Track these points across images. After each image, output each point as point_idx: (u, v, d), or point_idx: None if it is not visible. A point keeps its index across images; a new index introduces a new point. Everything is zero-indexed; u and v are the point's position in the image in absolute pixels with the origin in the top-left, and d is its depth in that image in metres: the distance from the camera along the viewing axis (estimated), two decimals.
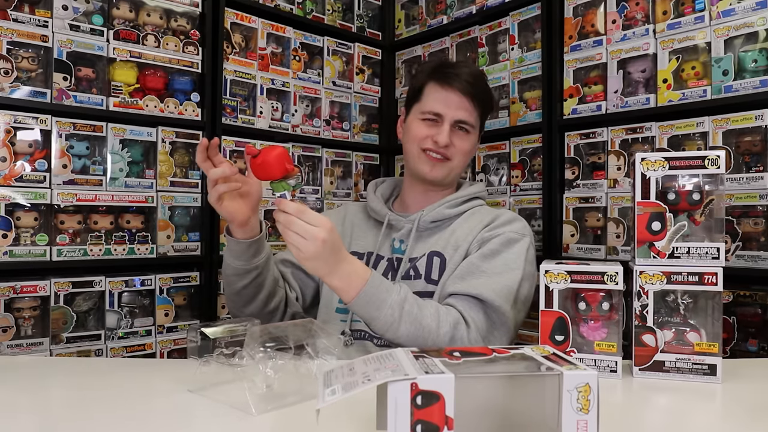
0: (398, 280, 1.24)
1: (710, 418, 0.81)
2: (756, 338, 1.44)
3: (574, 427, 0.54)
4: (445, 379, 0.50)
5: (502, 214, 1.32)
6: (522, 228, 1.27)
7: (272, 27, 2.04)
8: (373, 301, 1.04)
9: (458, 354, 0.59)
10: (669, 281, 0.94)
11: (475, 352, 0.60)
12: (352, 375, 0.54)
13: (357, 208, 1.48)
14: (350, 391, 0.51)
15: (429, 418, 0.50)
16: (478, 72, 1.44)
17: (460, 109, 1.31)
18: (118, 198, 1.68)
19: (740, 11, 1.48)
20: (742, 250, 1.46)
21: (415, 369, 0.52)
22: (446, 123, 1.30)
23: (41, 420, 0.78)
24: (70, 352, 1.60)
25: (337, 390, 0.52)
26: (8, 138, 1.51)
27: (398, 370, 0.52)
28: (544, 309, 0.96)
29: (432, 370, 0.52)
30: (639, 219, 0.97)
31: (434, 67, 1.36)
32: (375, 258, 1.32)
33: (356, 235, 1.39)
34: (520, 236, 1.25)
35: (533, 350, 0.62)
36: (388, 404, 0.50)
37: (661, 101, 1.62)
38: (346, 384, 0.52)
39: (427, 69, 1.37)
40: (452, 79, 1.31)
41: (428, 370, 0.52)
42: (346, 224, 1.42)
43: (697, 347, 0.93)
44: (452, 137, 1.31)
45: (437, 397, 0.50)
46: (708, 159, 0.94)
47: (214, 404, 0.79)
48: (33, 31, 1.54)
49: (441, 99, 1.31)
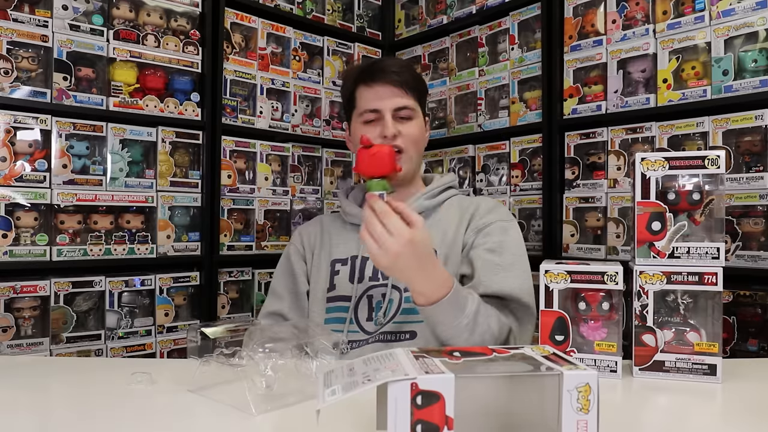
0: (391, 279, 1.23)
1: (710, 417, 0.81)
2: (756, 338, 1.44)
3: (574, 427, 0.54)
4: (445, 378, 0.50)
5: (481, 201, 1.32)
6: (506, 213, 1.30)
7: (272, 27, 2.04)
8: (454, 308, 1.02)
9: (458, 354, 0.59)
10: (669, 281, 0.94)
11: (475, 352, 0.60)
12: (352, 375, 0.54)
13: (331, 218, 1.44)
14: (350, 391, 0.51)
15: (429, 418, 0.50)
16: (402, 61, 1.44)
17: (395, 97, 1.29)
18: (118, 198, 1.68)
19: (740, 11, 1.48)
20: (742, 250, 1.46)
21: (414, 369, 0.52)
22: (386, 114, 1.28)
23: (41, 420, 0.78)
24: (70, 352, 1.60)
25: (337, 390, 0.52)
26: (8, 138, 1.52)
27: (398, 370, 0.52)
28: (544, 309, 0.96)
29: (432, 370, 0.52)
30: (639, 219, 0.97)
31: (358, 72, 1.35)
32: (360, 260, 1.29)
33: (335, 242, 1.35)
34: (510, 221, 1.27)
35: (533, 350, 0.62)
36: (388, 404, 0.50)
37: (661, 101, 1.62)
38: (347, 384, 0.52)
39: (351, 76, 1.37)
40: (378, 75, 1.30)
41: (428, 370, 0.52)
42: (324, 234, 1.39)
43: (697, 347, 0.93)
44: (397, 127, 1.28)
45: (437, 396, 0.50)
46: (708, 159, 0.94)
47: (214, 404, 0.79)
48: (33, 31, 1.54)
49: (373, 96, 1.30)
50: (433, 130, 2.26)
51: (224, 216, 1.91)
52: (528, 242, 1.94)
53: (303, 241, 1.39)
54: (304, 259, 1.37)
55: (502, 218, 1.26)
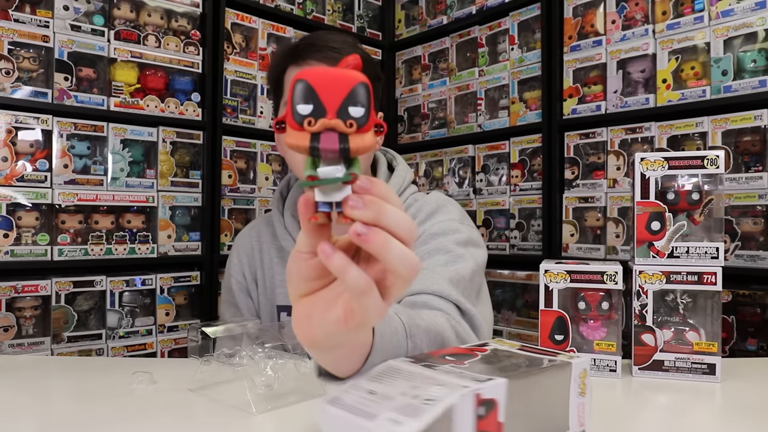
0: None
1: (709, 416, 0.81)
2: (755, 337, 1.44)
3: (576, 410, 0.57)
4: (499, 384, 0.49)
5: (423, 207, 1.08)
6: (442, 213, 1.06)
7: (272, 27, 2.04)
8: (388, 349, 0.73)
9: (452, 357, 0.58)
10: (668, 281, 0.95)
11: (466, 354, 0.60)
12: (389, 399, 0.47)
13: (270, 234, 1.20)
14: (421, 419, 0.44)
15: (488, 427, 0.49)
16: (344, 37, 1.10)
17: None
18: (118, 198, 1.68)
19: (739, 12, 1.48)
20: (741, 250, 1.47)
21: (461, 378, 0.49)
22: None
23: (42, 419, 0.78)
24: (71, 351, 1.60)
25: (403, 421, 0.44)
26: (9, 138, 1.52)
27: (447, 382, 0.49)
28: (544, 308, 0.96)
29: (479, 378, 0.50)
30: (638, 219, 0.97)
31: (287, 51, 1.07)
32: None
33: (278, 281, 1.15)
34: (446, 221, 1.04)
35: (509, 345, 0.63)
36: (455, 422, 0.46)
37: (660, 101, 1.62)
38: (405, 410, 0.45)
39: (279, 55, 1.09)
40: (310, 52, 1.03)
41: (475, 378, 0.49)
42: (264, 263, 1.18)
43: (696, 347, 0.93)
44: None
45: (493, 404, 0.49)
46: (707, 159, 0.95)
47: (214, 403, 0.79)
48: (34, 31, 1.55)
49: None
50: (433, 130, 2.27)
51: (225, 216, 1.91)
52: (528, 242, 1.95)
53: (244, 271, 1.19)
54: (248, 294, 1.18)
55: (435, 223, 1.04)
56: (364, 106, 0.42)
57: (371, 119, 0.43)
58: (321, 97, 0.41)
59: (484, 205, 2.06)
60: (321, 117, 0.41)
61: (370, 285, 0.43)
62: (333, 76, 0.42)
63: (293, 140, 0.42)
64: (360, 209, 0.42)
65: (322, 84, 0.42)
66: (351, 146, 0.42)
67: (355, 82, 0.42)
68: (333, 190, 0.43)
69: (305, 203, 0.43)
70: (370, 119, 0.43)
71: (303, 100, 0.41)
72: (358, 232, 0.42)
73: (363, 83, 0.43)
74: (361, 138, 0.42)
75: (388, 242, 0.43)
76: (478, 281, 1.01)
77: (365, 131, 0.43)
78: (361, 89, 0.42)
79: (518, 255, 1.97)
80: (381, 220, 0.43)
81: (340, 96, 0.42)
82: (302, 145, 0.42)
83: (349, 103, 0.42)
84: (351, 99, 0.42)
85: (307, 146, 0.42)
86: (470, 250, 1.00)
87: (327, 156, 0.42)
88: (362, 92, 0.42)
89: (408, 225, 0.44)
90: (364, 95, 0.42)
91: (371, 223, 0.42)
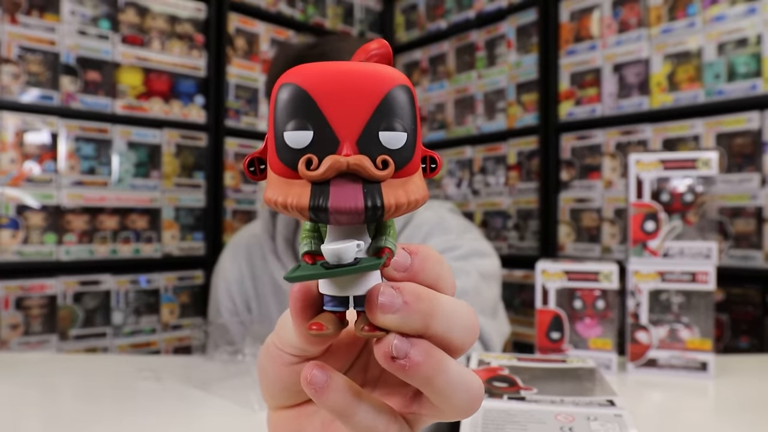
0: None
1: (702, 413, 0.83)
2: (747, 335, 1.47)
3: None
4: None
5: (423, 224, 1.02)
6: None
7: (275, 32, 2.07)
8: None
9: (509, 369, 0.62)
10: (662, 280, 0.97)
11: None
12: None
13: (262, 264, 1.09)
14: None
15: None
16: (357, 42, 0.98)
17: None
18: (124, 199, 1.71)
19: (732, 17, 1.51)
20: (734, 249, 1.50)
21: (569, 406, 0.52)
22: None
23: (50, 415, 0.79)
24: (78, 349, 1.63)
25: None
26: (17, 140, 1.54)
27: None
28: (541, 307, 0.99)
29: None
30: (633, 219, 1.00)
31: (290, 60, 0.95)
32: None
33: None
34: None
35: (507, 359, 0.66)
36: None
37: (654, 104, 1.65)
38: None
39: (281, 63, 0.97)
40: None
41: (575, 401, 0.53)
42: (258, 294, 1.09)
43: (690, 344, 0.96)
44: None
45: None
46: (700, 161, 0.98)
47: (218, 400, 0.80)
48: (41, 35, 1.57)
49: None
50: (431, 132, 2.29)
51: (228, 217, 1.94)
52: (525, 242, 1.98)
53: (234, 299, 1.10)
54: (239, 321, 1.12)
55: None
56: (405, 128, 0.24)
57: (418, 150, 0.25)
58: (328, 115, 0.23)
59: (482, 206, 2.10)
60: (330, 151, 0.23)
61: (390, 426, 0.28)
62: (348, 76, 0.23)
63: (279, 195, 0.24)
64: (400, 313, 0.24)
65: (330, 91, 0.23)
66: (386, 202, 0.24)
67: (388, 86, 0.24)
68: (350, 280, 0.25)
69: (301, 298, 0.26)
70: (416, 151, 0.25)
71: (296, 123, 0.23)
72: (394, 355, 0.24)
73: (402, 87, 0.24)
74: (403, 186, 0.24)
75: (442, 365, 0.25)
76: (486, 294, 0.93)
77: (409, 173, 0.25)
78: (401, 97, 0.24)
79: (515, 255, 2.00)
80: (432, 326, 0.25)
81: (364, 112, 0.23)
82: (296, 204, 0.23)
83: (379, 123, 0.24)
84: (383, 116, 0.24)
85: (306, 206, 0.23)
86: (472, 261, 0.93)
87: (341, 222, 0.24)
88: (402, 103, 0.24)
89: (470, 323, 0.27)
90: (407, 109, 0.24)
91: (416, 334, 0.25)
